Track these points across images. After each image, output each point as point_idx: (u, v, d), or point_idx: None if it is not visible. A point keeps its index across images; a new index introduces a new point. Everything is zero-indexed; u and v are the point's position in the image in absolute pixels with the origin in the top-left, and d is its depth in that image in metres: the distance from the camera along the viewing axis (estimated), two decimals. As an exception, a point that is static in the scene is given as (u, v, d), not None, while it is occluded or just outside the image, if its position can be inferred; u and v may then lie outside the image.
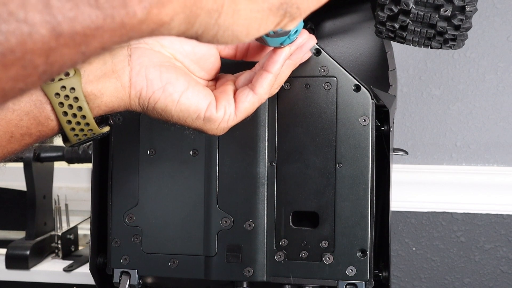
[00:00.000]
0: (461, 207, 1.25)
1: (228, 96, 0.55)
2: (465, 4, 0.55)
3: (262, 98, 0.55)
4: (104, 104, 0.51)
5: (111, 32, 0.30)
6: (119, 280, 0.69)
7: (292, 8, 0.40)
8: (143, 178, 0.68)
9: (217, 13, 0.36)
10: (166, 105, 0.52)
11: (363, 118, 0.64)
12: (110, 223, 0.69)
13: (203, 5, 0.35)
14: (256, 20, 0.39)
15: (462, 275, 1.27)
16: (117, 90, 0.51)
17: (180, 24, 0.34)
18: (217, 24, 0.37)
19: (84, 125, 0.51)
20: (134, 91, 0.51)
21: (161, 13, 0.32)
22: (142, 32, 0.32)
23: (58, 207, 1.35)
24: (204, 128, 0.54)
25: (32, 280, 1.28)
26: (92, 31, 0.29)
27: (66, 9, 0.28)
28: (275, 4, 0.39)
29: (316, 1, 0.42)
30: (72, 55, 0.29)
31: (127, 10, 0.30)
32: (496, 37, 1.21)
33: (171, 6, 0.32)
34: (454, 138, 1.25)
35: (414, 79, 1.25)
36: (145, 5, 0.31)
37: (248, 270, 0.67)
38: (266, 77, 0.54)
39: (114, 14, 0.29)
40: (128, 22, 0.30)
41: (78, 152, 1.26)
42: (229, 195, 0.67)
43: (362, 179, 0.65)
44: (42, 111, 0.49)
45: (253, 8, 0.38)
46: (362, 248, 0.65)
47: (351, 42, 0.72)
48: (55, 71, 0.29)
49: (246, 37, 0.39)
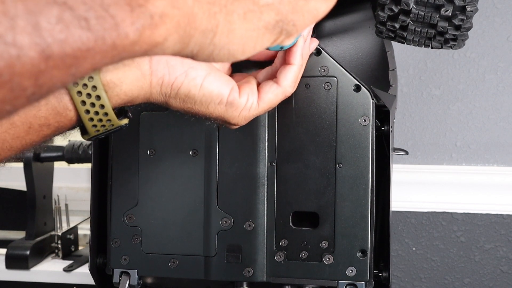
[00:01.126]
0: (461, 207, 1.25)
1: (251, 85, 0.54)
2: (465, 4, 0.55)
3: (287, 90, 0.55)
4: (124, 93, 0.50)
5: (103, 54, 0.29)
6: (119, 280, 0.69)
7: (288, 25, 0.40)
8: (143, 178, 0.68)
9: (212, 33, 0.36)
10: (189, 90, 0.51)
11: (363, 118, 0.64)
12: (110, 223, 0.69)
13: (197, 26, 0.35)
14: (251, 38, 0.38)
15: (462, 275, 1.27)
16: (137, 78, 0.50)
17: (174, 44, 0.34)
18: (212, 43, 0.36)
19: (102, 115, 0.49)
20: (156, 78, 0.51)
21: (154, 34, 0.32)
22: (135, 52, 0.32)
23: (58, 207, 1.35)
24: (226, 115, 0.53)
25: (32, 280, 1.28)
26: (83, 53, 0.29)
27: (56, 31, 0.27)
28: (271, 23, 0.39)
29: (312, 17, 0.42)
30: (62, 76, 0.29)
31: (118, 32, 0.30)
32: (496, 37, 1.21)
33: (164, 27, 0.32)
34: (454, 138, 1.25)
35: (414, 79, 1.25)
36: (137, 27, 0.30)
37: (248, 271, 0.66)
38: (290, 69, 0.54)
39: (105, 36, 0.29)
40: (120, 43, 0.30)
41: (78, 152, 1.26)
42: (229, 195, 0.67)
43: (362, 179, 0.65)
44: (61, 101, 0.48)
45: (249, 27, 0.38)
46: (362, 248, 0.65)
47: (351, 42, 0.72)
48: (44, 93, 0.29)
49: (242, 55, 0.39)
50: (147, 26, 0.31)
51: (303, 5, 0.41)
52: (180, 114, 0.55)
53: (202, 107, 0.52)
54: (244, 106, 0.53)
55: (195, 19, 0.34)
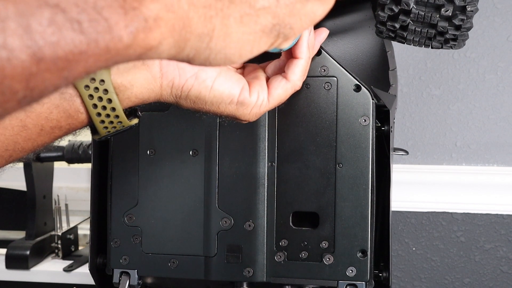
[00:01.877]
0: (461, 207, 1.25)
1: (261, 82, 0.55)
2: (466, 4, 0.55)
3: (296, 84, 0.55)
4: (134, 95, 0.50)
5: (96, 57, 0.29)
6: (119, 280, 0.69)
7: (285, 29, 0.40)
8: (143, 178, 0.68)
9: (208, 37, 0.35)
10: (200, 92, 0.51)
11: (364, 118, 0.64)
12: (109, 223, 0.69)
13: (193, 30, 0.34)
14: (248, 42, 0.38)
15: (462, 275, 1.27)
16: (147, 81, 0.50)
17: (170, 48, 0.34)
18: (208, 48, 0.36)
19: (113, 118, 0.50)
20: (166, 81, 0.51)
21: (148, 38, 0.31)
22: (129, 56, 0.31)
23: (58, 207, 1.35)
24: (237, 113, 0.53)
25: (32, 280, 1.28)
26: (76, 56, 0.28)
27: (48, 34, 0.27)
28: (268, 26, 0.38)
29: (309, 20, 0.41)
30: (54, 80, 0.28)
31: (112, 35, 0.29)
32: (496, 37, 1.21)
33: (159, 31, 0.32)
34: (454, 138, 1.25)
35: (414, 79, 1.25)
36: (131, 30, 0.30)
37: (248, 271, 0.66)
38: (298, 63, 0.54)
39: (98, 39, 0.29)
40: (113, 47, 0.29)
41: (78, 152, 1.26)
42: (229, 195, 0.67)
43: (363, 179, 0.64)
44: (72, 104, 0.48)
45: (245, 30, 0.37)
46: (362, 248, 0.65)
47: (351, 42, 0.72)
48: (35, 96, 0.28)
49: (239, 59, 0.39)
50: (141, 30, 0.31)
51: (300, 8, 0.40)
52: (180, 114, 0.55)
53: (212, 107, 0.53)
54: (255, 103, 0.53)
55: (190, 23, 0.34)
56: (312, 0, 0.40)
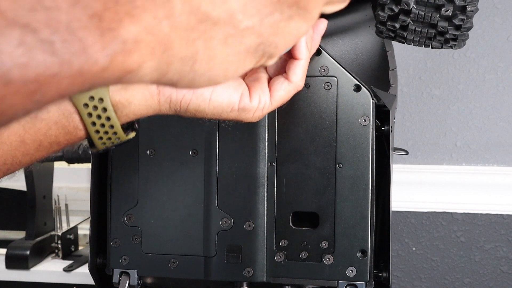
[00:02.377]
0: (461, 207, 1.25)
1: (262, 84, 0.54)
2: (466, 4, 0.55)
3: (298, 85, 0.55)
4: (132, 112, 0.50)
5: (70, 80, 0.27)
6: (119, 280, 0.69)
7: (270, 47, 0.39)
8: (142, 178, 0.68)
9: (191, 60, 0.34)
10: (199, 105, 0.51)
11: (364, 118, 0.64)
12: (109, 223, 0.69)
13: (175, 53, 0.33)
14: (233, 63, 0.37)
15: (462, 275, 1.27)
16: (145, 98, 0.51)
17: (151, 72, 0.32)
18: (192, 71, 0.35)
19: (112, 134, 0.50)
20: (164, 97, 0.51)
21: (128, 61, 0.30)
22: (107, 79, 0.30)
23: (58, 207, 1.35)
24: (240, 118, 0.53)
25: (32, 280, 1.28)
26: (47, 79, 0.27)
27: (17, 55, 0.25)
28: (253, 46, 0.37)
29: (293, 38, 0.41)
30: (24, 104, 0.27)
31: (87, 57, 0.28)
32: (496, 37, 1.21)
33: (139, 54, 0.30)
34: (454, 138, 1.25)
35: (414, 79, 1.25)
36: (108, 52, 0.28)
37: (248, 271, 0.66)
38: (298, 64, 0.54)
39: (72, 60, 0.27)
40: (88, 69, 0.28)
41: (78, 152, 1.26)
42: (229, 196, 0.67)
43: (363, 179, 0.64)
44: (71, 121, 0.49)
45: (230, 51, 0.36)
46: (362, 248, 0.65)
47: (351, 41, 0.72)
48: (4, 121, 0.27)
49: (224, 79, 0.38)
50: (119, 52, 0.29)
51: (284, 26, 0.40)
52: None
53: (214, 116, 0.53)
54: (256, 108, 0.53)
55: (172, 45, 0.33)
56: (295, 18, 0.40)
